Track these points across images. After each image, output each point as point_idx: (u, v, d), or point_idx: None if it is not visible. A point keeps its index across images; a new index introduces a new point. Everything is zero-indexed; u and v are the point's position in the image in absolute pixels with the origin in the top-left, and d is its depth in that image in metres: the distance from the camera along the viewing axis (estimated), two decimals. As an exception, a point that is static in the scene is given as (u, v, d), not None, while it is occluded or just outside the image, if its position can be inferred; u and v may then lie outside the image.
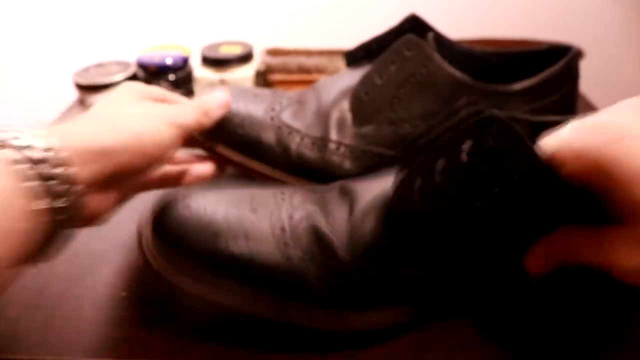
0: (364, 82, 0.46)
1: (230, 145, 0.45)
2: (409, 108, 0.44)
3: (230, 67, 0.68)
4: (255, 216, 0.35)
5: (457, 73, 0.44)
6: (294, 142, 0.45)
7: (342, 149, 0.45)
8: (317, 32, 0.55)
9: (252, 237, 0.34)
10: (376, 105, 0.45)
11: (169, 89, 0.67)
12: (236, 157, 0.46)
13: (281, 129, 0.45)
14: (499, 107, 0.36)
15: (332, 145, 0.45)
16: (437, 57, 0.44)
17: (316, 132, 0.45)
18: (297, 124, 0.46)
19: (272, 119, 0.46)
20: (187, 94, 0.70)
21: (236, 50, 0.69)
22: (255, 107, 0.46)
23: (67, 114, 0.68)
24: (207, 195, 0.36)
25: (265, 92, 0.49)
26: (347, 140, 0.45)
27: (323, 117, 0.46)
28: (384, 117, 0.45)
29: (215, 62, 0.68)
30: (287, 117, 0.46)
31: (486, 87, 0.44)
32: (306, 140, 0.45)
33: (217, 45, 0.71)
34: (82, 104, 0.69)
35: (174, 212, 0.35)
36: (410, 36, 0.45)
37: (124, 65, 0.72)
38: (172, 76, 0.68)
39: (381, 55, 0.46)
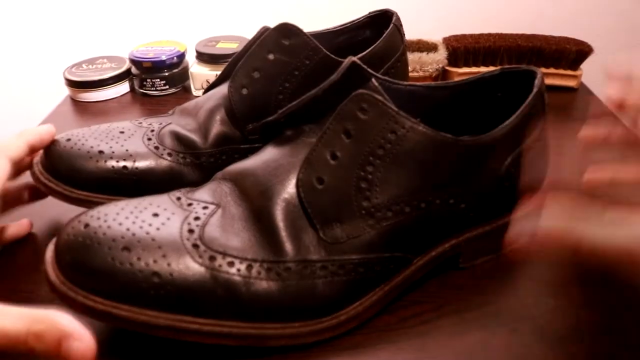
0: (310, 164, 0.33)
1: (137, 303, 0.30)
2: (386, 189, 0.33)
3: (226, 64, 0.66)
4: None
5: (431, 131, 0.33)
6: (239, 278, 0.31)
7: (310, 268, 0.32)
8: (317, 27, 0.54)
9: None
10: (338, 195, 0.33)
11: (164, 86, 0.66)
12: (151, 316, 0.30)
13: (214, 260, 0.31)
14: (485, 157, 0.36)
15: (294, 267, 0.32)
16: (404, 115, 0.33)
17: (264, 253, 0.32)
18: (233, 244, 0.32)
19: (195, 246, 0.31)
20: (183, 91, 0.69)
21: (233, 46, 0.67)
22: (163, 229, 0.32)
23: (58, 110, 0.66)
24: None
25: (160, 200, 0.35)
26: (313, 254, 0.32)
27: (264, 226, 0.33)
28: (355, 210, 0.33)
29: (210, 58, 0.66)
30: (214, 236, 0.32)
31: (470, 141, 0.35)
32: (255, 269, 0.31)
33: (214, 41, 0.69)
34: (73, 100, 0.67)
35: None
36: (362, 92, 0.33)
37: (118, 60, 0.70)
38: (167, 72, 0.66)
39: (326, 123, 0.34)
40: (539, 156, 0.39)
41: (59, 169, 0.41)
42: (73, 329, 0.26)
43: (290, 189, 0.33)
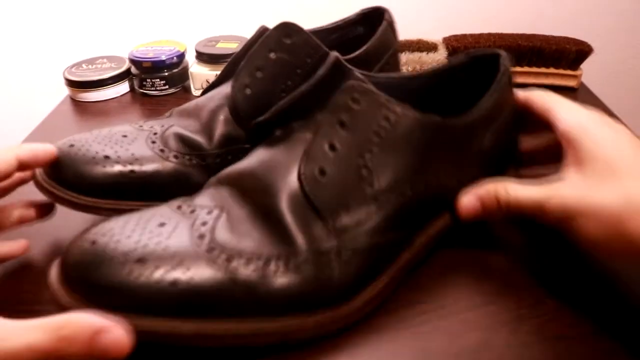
0: (311, 157, 0.34)
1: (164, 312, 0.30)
2: (386, 174, 0.34)
3: (226, 64, 0.66)
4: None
5: (420, 115, 0.35)
6: (258, 276, 0.31)
7: (325, 257, 0.33)
8: (317, 26, 0.54)
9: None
10: (342, 184, 0.34)
11: (163, 86, 0.66)
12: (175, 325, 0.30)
13: (231, 262, 0.31)
14: (469, 134, 0.39)
15: (310, 258, 0.32)
16: (394, 101, 0.35)
17: (278, 249, 0.32)
18: (246, 245, 0.32)
19: (210, 250, 0.31)
20: (183, 91, 0.69)
21: (233, 46, 0.67)
22: (173, 237, 0.31)
23: (58, 110, 0.66)
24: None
25: (161, 210, 0.34)
26: (325, 243, 0.33)
27: (273, 223, 0.33)
28: (359, 197, 0.34)
29: (210, 58, 0.66)
30: (225, 238, 0.32)
31: (455, 121, 0.38)
32: (272, 265, 0.31)
33: (213, 41, 0.69)
34: (73, 100, 0.67)
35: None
36: (353, 83, 0.35)
37: (117, 60, 0.70)
38: (167, 72, 0.66)
39: (317, 116, 0.36)
40: (513, 129, 0.43)
41: (64, 176, 0.40)
42: (101, 323, 0.25)
43: (292, 183, 0.34)
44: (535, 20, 0.80)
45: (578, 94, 0.67)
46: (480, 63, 0.42)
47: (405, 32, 0.74)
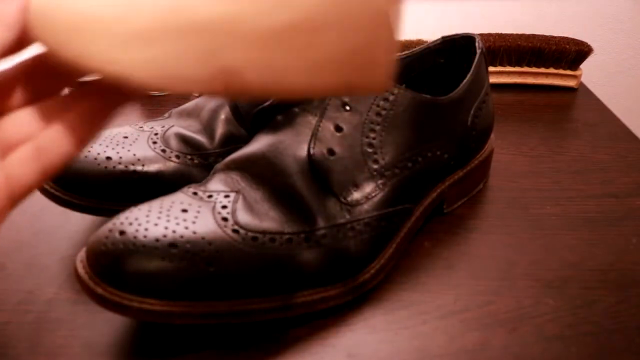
0: (319, 139, 0.36)
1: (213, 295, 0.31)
2: (389, 150, 0.38)
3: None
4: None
5: (415, 94, 0.38)
6: (284, 252, 0.33)
7: (341, 231, 0.35)
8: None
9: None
10: (350, 162, 0.36)
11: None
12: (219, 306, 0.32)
13: (257, 241, 0.32)
14: (456, 111, 0.42)
15: (328, 232, 0.35)
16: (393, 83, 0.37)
17: (298, 226, 0.34)
18: (268, 224, 0.34)
19: (235, 232, 0.32)
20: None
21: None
22: (199, 222, 0.32)
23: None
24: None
25: (179, 197, 0.34)
26: (340, 218, 0.35)
27: (290, 202, 0.35)
28: (366, 173, 0.37)
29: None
30: (247, 219, 0.33)
31: (444, 99, 0.41)
32: (295, 241, 0.33)
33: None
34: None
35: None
36: None
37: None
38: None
39: (312, 101, 0.38)
40: (488, 106, 0.46)
41: (65, 178, 0.40)
42: None
43: (303, 164, 0.36)
44: (535, 20, 0.80)
45: (578, 94, 0.67)
46: (456, 46, 0.47)
47: (405, 32, 0.74)
